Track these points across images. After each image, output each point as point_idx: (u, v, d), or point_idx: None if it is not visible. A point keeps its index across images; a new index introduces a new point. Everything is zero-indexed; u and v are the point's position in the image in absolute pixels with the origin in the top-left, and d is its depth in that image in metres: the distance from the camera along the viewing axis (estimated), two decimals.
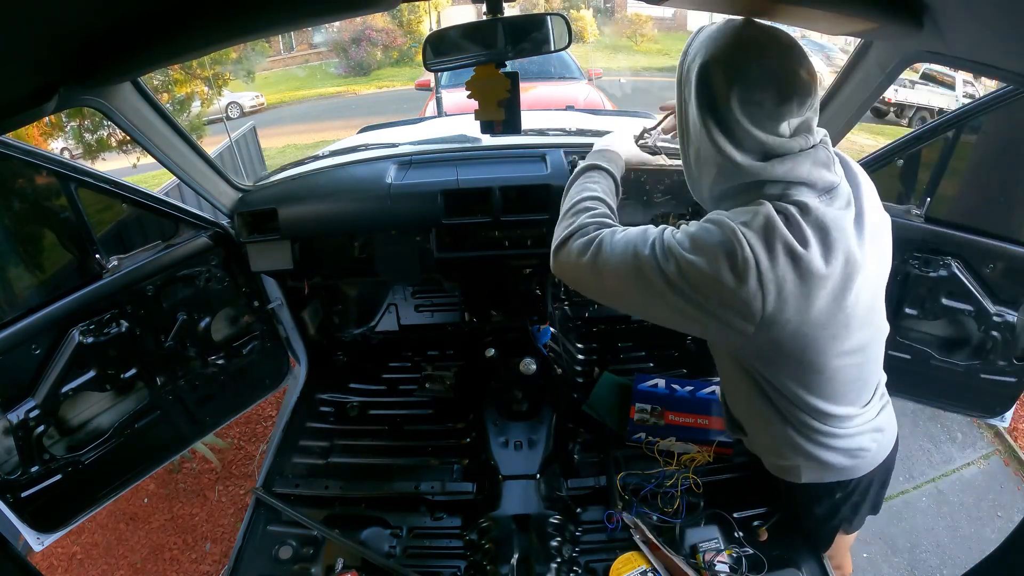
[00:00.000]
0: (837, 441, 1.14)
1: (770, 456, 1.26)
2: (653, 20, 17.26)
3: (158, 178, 6.08)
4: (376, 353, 2.20)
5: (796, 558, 1.36)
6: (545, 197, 1.61)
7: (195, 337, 1.71)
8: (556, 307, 1.93)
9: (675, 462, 1.59)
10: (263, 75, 14.47)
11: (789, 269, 0.91)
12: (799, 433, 1.13)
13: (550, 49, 1.23)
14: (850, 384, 1.10)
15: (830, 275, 0.93)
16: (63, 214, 1.43)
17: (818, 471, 1.19)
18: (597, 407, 1.81)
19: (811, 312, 0.94)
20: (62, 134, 6.23)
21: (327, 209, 1.71)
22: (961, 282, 1.59)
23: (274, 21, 0.95)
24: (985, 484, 2.94)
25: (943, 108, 9.99)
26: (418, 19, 16.02)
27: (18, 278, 1.46)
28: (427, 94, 6.26)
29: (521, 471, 1.58)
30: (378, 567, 1.38)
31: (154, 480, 3.06)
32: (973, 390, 1.67)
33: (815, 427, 1.11)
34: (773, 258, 0.90)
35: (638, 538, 1.38)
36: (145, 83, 1.32)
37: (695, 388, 1.83)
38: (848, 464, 1.18)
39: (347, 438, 1.85)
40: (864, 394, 1.15)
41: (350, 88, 15.61)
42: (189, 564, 2.71)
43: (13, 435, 1.36)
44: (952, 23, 0.84)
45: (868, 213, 1.00)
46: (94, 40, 0.89)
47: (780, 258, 0.91)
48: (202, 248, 1.68)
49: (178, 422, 1.72)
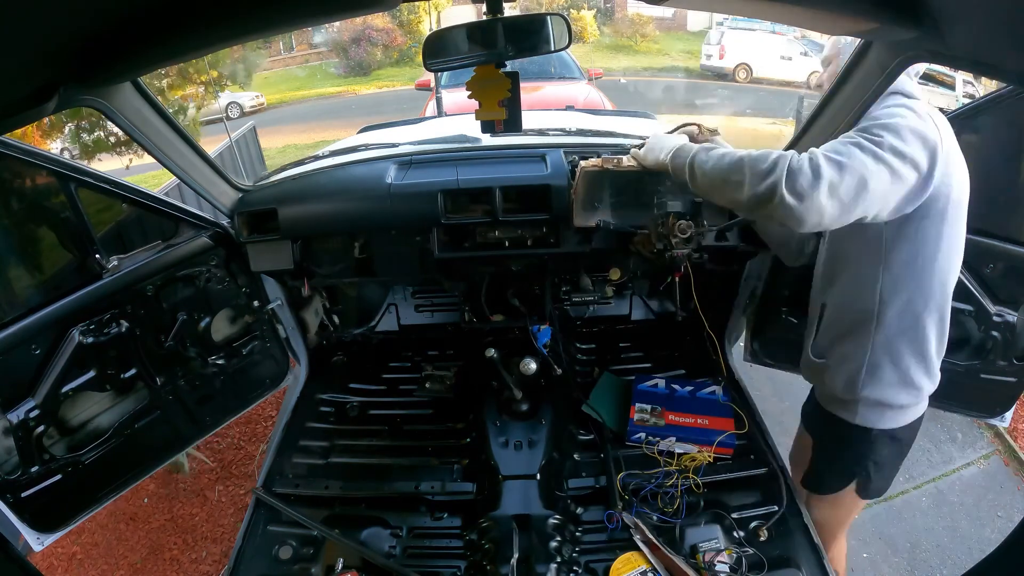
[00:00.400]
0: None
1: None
2: (653, 20, 17.24)
3: (158, 178, 6.08)
4: (376, 353, 2.20)
5: (796, 558, 1.36)
6: (545, 197, 1.61)
7: (195, 337, 1.71)
8: (556, 307, 1.93)
9: (675, 462, 1.59)
10: (263, 75, 14.47)
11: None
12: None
13: (550, 49, 1.24)
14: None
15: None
16: (63, 214, 1.43)
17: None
18: (597, 407, 1.81)
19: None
20: (61, 135, 6.21)
21: (327, 209, 1.71)
22: (961, 282, 1.58)
23: (274, 21, 0.95)
24: (985, 484, 2.94)
25: (943, 108, 9.97)
26: (418, 19, 16.00)
27: (18, 278, 1.45)
28: (427, 94, 6.25)
29: (521, 471, 1.58)
30: (378, 567, 1.38)
31: (154, 480, 3.05)
32: (973, 390, 1.67)
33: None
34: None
35: (638, 538, 1.38)
36: (145, 83, 1.32)
37: (695, 388, 1.83)
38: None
39: (347, 438, 1.85)
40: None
41: (350, 88, 15.59)
42: (189, 564, 2.70)
43: (13, 435, 1.36)
44: (952, 23, 0.84)
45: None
46: (94, 40, 0.89)
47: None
48: (202, 248, 1.68)
49: (178, 422, 1.72)
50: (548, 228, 1.69)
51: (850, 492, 1.45)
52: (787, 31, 13.81)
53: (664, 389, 1.84)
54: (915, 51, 1.03)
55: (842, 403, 1.39)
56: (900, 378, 1.31)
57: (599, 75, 6.84)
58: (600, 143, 1.82)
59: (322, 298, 2.13)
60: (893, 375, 1.31)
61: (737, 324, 1.94)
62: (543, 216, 1.63)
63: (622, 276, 1.85)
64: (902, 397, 1.33)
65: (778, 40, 13.83)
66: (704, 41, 15.00)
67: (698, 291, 1.64)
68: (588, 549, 1.44)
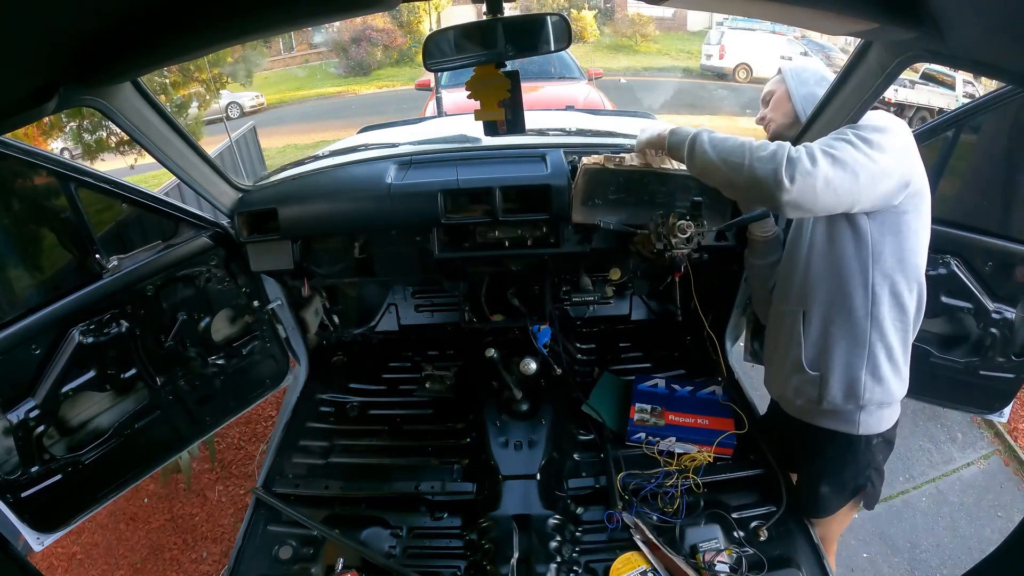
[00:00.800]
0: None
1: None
2: (653, 20, 17.25)
3: (158, 177, 6.08)
4: (376, 353, 2.20)
5: (796, 558, 1.36)
6: (545, 197, 1.61)
7: (195, 337, 1.71)
8: (556, 307, 1.93)
9: (675, 462, 1.59)
10: (263, 75, 14.46)
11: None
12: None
13: (550, 49, 1.23)
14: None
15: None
16: (63, 214, 1.43)
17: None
18: (597, 407, 1.81)
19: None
20: (62, 134, 6.21)
21: (327, 209, 1.71)
22: (960, 280, 1.59)
23: (274, 21, 0.95)
24: (985, 484, 2.94)
25: (943, 108, 10.00)
26: (418, 19, 16.00)
27: (18, 278, 1.45)
28: (427, 94, 6.26)
29: (521, 471, 1.58)
30: (378, 567, 1.38)
31: (154, 480, 3.05)
32: (972, 386, 1.68)
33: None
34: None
35: (638, 538, 1.38)
36: (145, 83, 1.32)
37: (695, 388, 1.83)
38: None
39: (347, 438, 1.85)
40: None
41: (350, 88, 15.60)
42: (189, 564, 2.70)
43: (13, 435, 1.36)
44: (952, 23, 0.84)
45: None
46: (94, 40, 0.89)
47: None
48: (202, 248, 1.68)
49: (178, 422, 1.72)
50: (548, 228, 1.69)
51: (849, 505, 1.46)
52: (787, 31, 13.83)
53: (664, 389, 1.84)
54: (915, 51, 1.03)
55: (841, 416, 1.37)
56: (894, 370, 1.33)
57: (599, 75, 6.83)
58: (600, 143, 1.82)
59: (322, 298, 2.13)
60: (889, 369, 1.32)
61: (737, 324, 1.94)
62: (543, 216, 1.63)
63: (622, 276, 1.85)
64: (896, 389, 1.35)
65: (778, 40, 13.85)
66: (704, 41, 15.01)
67: (698, 291, 1.64)
68: (588, 549, 1.43)
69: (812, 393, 1.39)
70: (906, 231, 1.25)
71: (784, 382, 1.46)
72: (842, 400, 1.35)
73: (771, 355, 1.54)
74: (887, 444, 1.42)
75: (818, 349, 1.37)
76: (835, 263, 1.30)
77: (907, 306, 1.30)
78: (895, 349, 1.32)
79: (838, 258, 1.29)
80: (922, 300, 1.33)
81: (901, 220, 1.24)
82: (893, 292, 1.28)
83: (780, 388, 1.50)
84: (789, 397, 1.47)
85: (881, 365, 1.31)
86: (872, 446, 1.39)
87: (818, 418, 1.42)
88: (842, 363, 1.33)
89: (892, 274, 1.27)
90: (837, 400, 1.35)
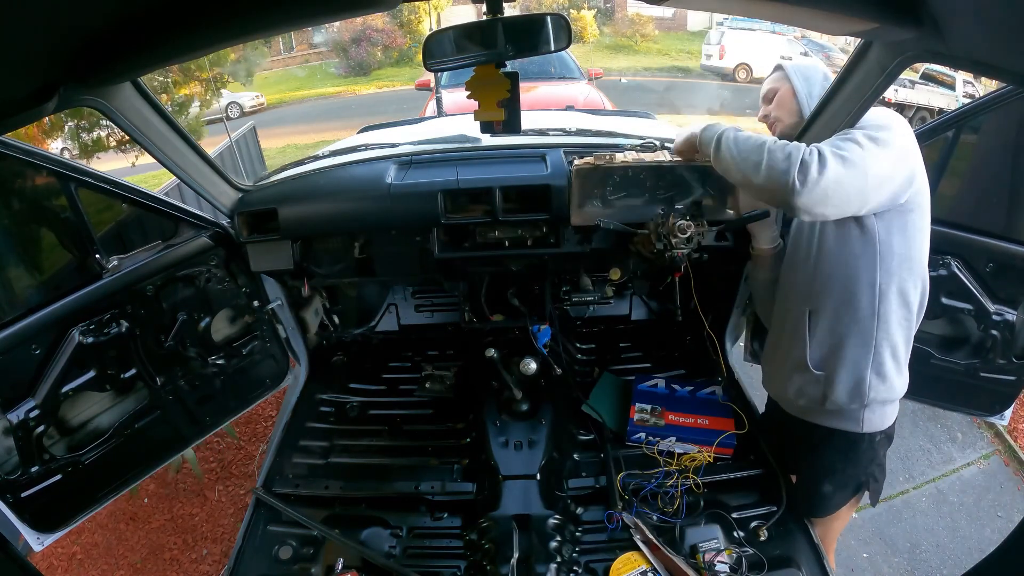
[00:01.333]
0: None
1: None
2: (653, 20, 17.25)
3: (158, 177, 6.08)
4: (376, 353, 2.20)
5: (796, 558, 1.36)
6: (545, 197, 1.60)
7: (195, 337, 1.71)
8: (556, 307, 1.93)
9: (675, 462, 1.59)
10: (263, 75, 14.47)
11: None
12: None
13: (550, 49, 1.23)
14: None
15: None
16: (63, 214, 1.43)
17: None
18: (597, 407, 1.81)
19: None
20: (62, 134, 6.21)
21: (327, 209, 1.71)
22: (961, 281, 1.59)
23: (274, 21, 0.95)
24: (985, 484, 2.94)
25: (943, 108, 10.00)
26: (418, 19, 16.00)
27: (18, 278, 1.45)
28: (427, 94, 6.25)
29: (521, 471, 1.58)
30: (378, 567, 1.38)
31: (154, 480, 3.05)
32: (973, 388, 1.68)
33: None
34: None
35: (638, 538, 1.38)
36: (145, 83, 1.32)
37: (695, 388, 1.83)
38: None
39: (347, 438, 1.85)
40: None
41: (350, 88, 15.59)
42: (189, 564, 2.70)
43: (13, 435, 1.36)
44: (952, 23, 0.84)
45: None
46: (94, 40, 0.89)
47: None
48: (202, 248, 1.68)
49: (178, 422, 1.72)
50: (548, 228, 1.69)
51: (851, 503, 1.46)
52: (787, 31, 13.83)
53: (664, 389, 1.84)
54: (915, 51, 1.03)
55: (845, 415, 1.38)
56: (897, 368, 1.34)
57: (599, 75, 6.83)
58: (600, 143, 1.82)
59: (322, 298, 2.13)
60: (893, 367, 1.33)
61: (737, 324, 1.94)
62: (543, 216, 1.63)
63: (622, 276, 1.84)
64: (899, 386, 1.36)
65: (778, 40, 13.85)
66: (704, 41, 15.01)
67: (698, 291, 1.64)
68: (588, 549, 1.43)
69: (815, 393, 1.39)
70: (912, 230, 1.26)
71: (785, 382, 1.46)
72: (847, 399, 1.35)
73: (771, 354, 1.54)
74: (888, 440, 1.43)
75: (824, 349, 1.37)
76: (844, 263, 1.30)
77: (912, 304, 1.31)
78: (899, 347, 1.33)
79: (847, 258, 1.29)
80: (925, 297, 1.34)
81: (907, 219, 1.25)
82: (900, 290, 1.29)
83: (780, 388, 1.50)
84: (790, 397, 1.46)
85: (886, 363, 1.32)
86: (875, 443, 1.39)
87: (820, 417, 1.42)
88: (849, 362, 1.33)
89: (899, 272, 1.27)
90: (842, 400, 1.35)
